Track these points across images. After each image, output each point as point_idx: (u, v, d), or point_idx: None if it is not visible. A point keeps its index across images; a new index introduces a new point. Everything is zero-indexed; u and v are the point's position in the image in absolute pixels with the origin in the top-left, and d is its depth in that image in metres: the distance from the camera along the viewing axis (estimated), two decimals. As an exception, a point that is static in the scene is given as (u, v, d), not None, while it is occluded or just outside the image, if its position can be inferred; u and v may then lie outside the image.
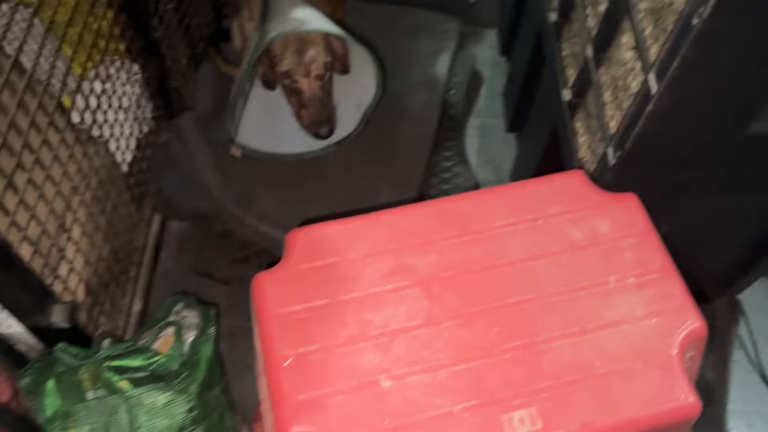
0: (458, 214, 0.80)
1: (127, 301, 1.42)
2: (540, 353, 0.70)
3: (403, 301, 0.73)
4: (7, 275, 0.91)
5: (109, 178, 1.31)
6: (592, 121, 1.06)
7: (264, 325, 0.71)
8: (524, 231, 0.79)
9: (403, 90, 1.90)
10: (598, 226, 0.80)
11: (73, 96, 1.17)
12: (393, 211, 0.81)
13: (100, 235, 1.27)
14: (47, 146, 1.04)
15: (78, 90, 1.18)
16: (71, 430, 1.05)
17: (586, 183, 0.83)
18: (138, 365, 1.07)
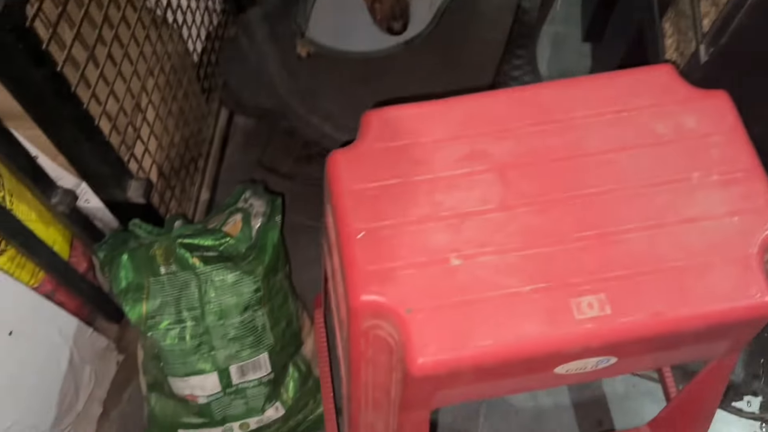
0: (538, 102, 0.78)
1: (196, 189, 1.46)
2: (614, 243, 0.69)
3: (476, 185, 0.73)
4: (89, 147, 0.94)
5: (180, 65, 1.32)
6: (681, 21, 1.00)
7: (338, 199, 0.72)
8: (606, 122, 0.76)
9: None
10: (684, 121, 0.76)
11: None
12: (470, 96, 0.79)
13: (172, 120, 1.29)
14: (125, 23, 1.05)
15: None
16: (144, 301, 1.11)
17: (674, 77, 0.79)
18: (209, 245, 1.12)
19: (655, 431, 1.07)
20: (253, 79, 1.64)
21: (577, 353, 0.67)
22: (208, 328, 1.10)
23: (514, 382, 0.73)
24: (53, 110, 0.85)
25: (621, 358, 0.71)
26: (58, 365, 1.15)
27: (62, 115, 0.86)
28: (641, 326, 0.66)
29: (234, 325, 1.11)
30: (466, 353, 0.65)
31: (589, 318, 0.66)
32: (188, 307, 1.09)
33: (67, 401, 1.21)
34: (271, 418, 1.18)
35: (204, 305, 1.10)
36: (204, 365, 1.10)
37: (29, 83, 0.80)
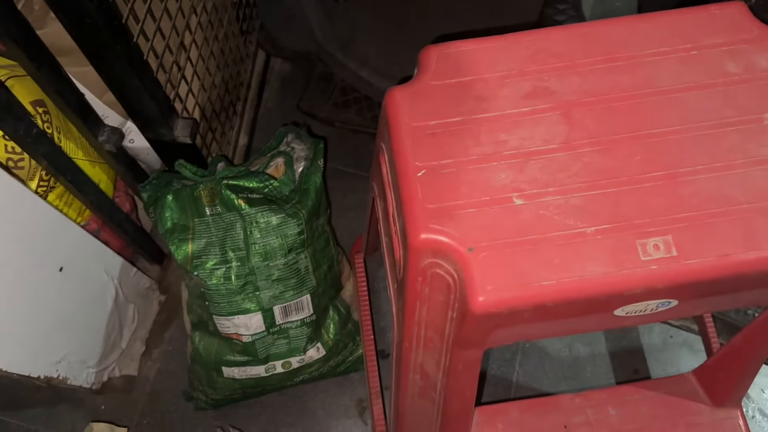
0: (605, 38, 0.76)
1: (234, 133, 1.46)
2: (681, 184, 0.67)
3: (540, 123, 0.71)
4: (138, 83, 0.93)
5: (222, 4, 1.30)
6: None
7: (397, 137, 0.71)
8: (676, 60, 0.74)
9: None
10: (757, 60, 0.74)
11: None
12: (533, 32, 0.77)
13: (213, 62, 1.28)
14: (171, -42, 1.03)
15: None
16: (189, 241, 1.11)
17: (747, 15, 0.76)
18: (253, 186, 1.11)
19: (700, 380, 1.06)
20: (290, 22, 1.61)
21: (641, 295, 0.66)
22: (253, 269, 1.10)
23: (572, 322, 0.73)
24: (105, 44, 0.84)
25: (682, 300, 0.70)
26: (104, 302, 1.17)
27: (114, 49, 0.85)
28: (708, 269, 0.65)
29: (278, 267, 1.11)
30: (528, 292, 0.64)
31: (655, 259, 0.65)
32: (233, 248, 1.10)
33: (113, 338, 1.24)
34: (313, 358, 1.19)
35: (249, 246, 1.10)
36: (249, 305, 1.12)
37: (82, 14, 0.79)
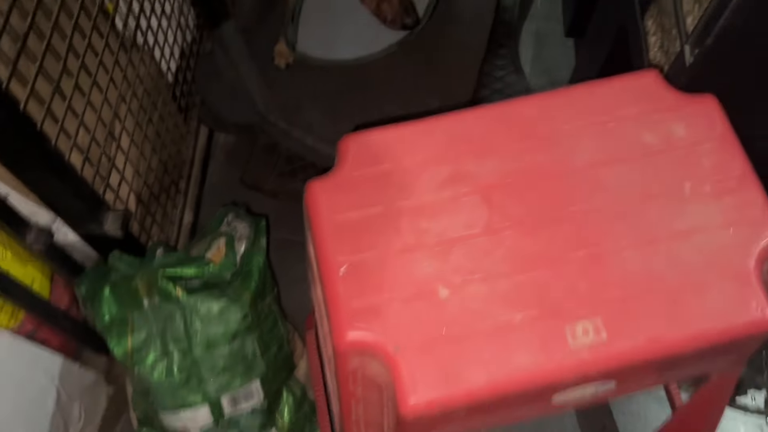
0: (520, 117, 0.75)
1: (178, 212, 1.43)
2: (607, 263, 0.66)
3: (461, 209, 0.70)
4: (60, 184, 0.91)
5: (154, 88, 1.28)
6: (664, 18, 0.97)
7: (318, 231, 0.69)
8: (592, 134, 0.74)
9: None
10: (673, 129, 0.74)
11: (116, 1, 1.13)
12: (450, 115, 0.77)
13: (149, 145, 1.26)
14: (92, 51, 1.01)
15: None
16: (128, 336, 1.07)
17: (660, 83, 0.77)
18: (192, 274, 1.08)
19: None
20: (231, 95, 1.60)
21: (574, 382, 0.64)
22: (196, 360, 1.06)
23: (511, 413, 0.70)
24: (19, 151, 0.82)
25: (620, 381, 0.68)
26: (44, 407, 1.12)
27: (29, 156, 0.83)
28: (639, 351, 0.63)
29: (223, 355, 1.08)
30: (459, 391, 0.62)
31: (585, 345, 0.63)
32: (174, 339, 1.06)
33: (57, 440, 1.18)
34: (268, 446, 1.15)
35: (191, 337, 1.06)
36: (194, 398, 1.07)
37: (-9, 126, 0.77)
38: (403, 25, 1.38)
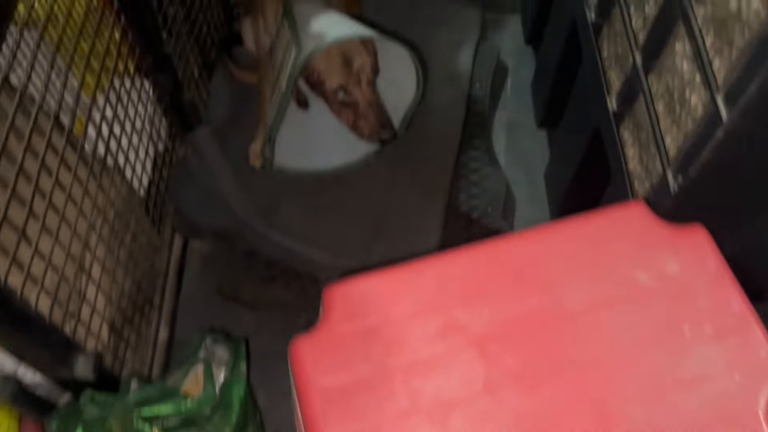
0: (510, 258, 0.73)
1: (153, 330, 1.37)
2: (613, 420, 0.63)
3: (456, 365, 0.66)
4: (27, 336, 0.85)
5: (126, 207, 1.25)
6: (641, 133, 0.97)
7: (305, 398, 0.65)
8: (585, 276, 0.72)
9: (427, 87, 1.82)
10: (666, 266, 0.72)
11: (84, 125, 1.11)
12: (438, 258, 0.74)
13: (121, 269, 1.21)
14: (60, 188, 0.98)
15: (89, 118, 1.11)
16: (104, 479, 1.00)
17: (648, 216, 0.75)
18: (169, 412, 1.02)
19: None
20: (206, 200, 1.57)
21: None
22: (176, 507, 0.99)
23: None
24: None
25: None
26: None
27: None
28: None
29: (205, 498, 1.01)
30: None
31: None
32: (152, 486, 0.99)
33: None
34: None
35: (169, 481, 0.99)
36: None
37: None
38: (380, 140, 1.37)
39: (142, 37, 1.33)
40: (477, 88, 1.84)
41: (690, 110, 0.82)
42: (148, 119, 1.41)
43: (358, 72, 1.26)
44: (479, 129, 1.77)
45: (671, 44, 0.88)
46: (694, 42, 0.80)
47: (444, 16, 1.97)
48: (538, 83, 1.74)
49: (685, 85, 0.84)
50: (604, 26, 1.12)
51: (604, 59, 1.12)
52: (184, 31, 1.51)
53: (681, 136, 0.84)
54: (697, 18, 0.80)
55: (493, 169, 1.69)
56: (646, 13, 0.96)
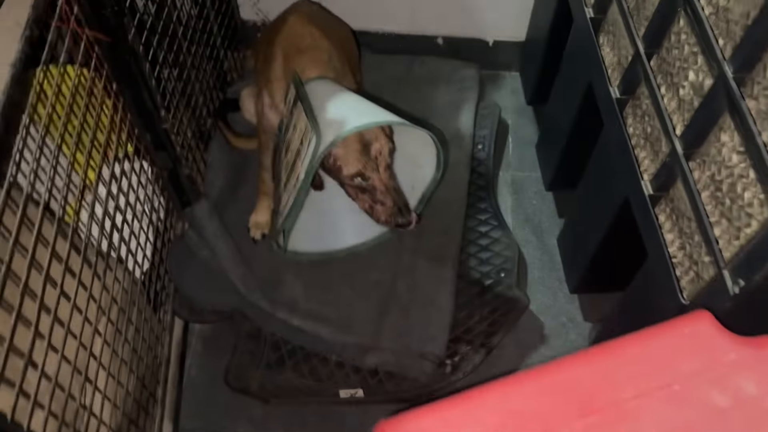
0: (575, 385, 0.68)
1: (156, 426, 1.28)
2: None
3: None
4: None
5: (128, 301, 1.17)
6: (682, 221, 0.93)
7: None
8: (660, 401, 0.66)
9: (428, 149, 1.77)
10: (743, 385, 0.67)
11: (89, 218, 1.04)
12: (496, 388, 0.68)
13: (125, 369, 1.13)
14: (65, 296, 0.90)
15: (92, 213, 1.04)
16: None
17: (716, 328, 0.71)
18: None
19: None
20: (206, 279, 1.49)
21: None
22: None
23: None
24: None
25: None
26: None
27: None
28: None
29: None
30: None
31: None
32: None
33: None
34: None
35: None
36: None
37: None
38: (398, 225, 1.30)
39: (142, 117, 1.27)
40: (480, 148, 1.80)
41: (744, 205, 0.79)
42: (149, 201, 1.35)
43: (375, 156, 1.21)
44: (485, 191, 1.73)
45: (716, 134, 0.84)
46: (746, 138, 0.77)
47: (442, 75, 1.94)
48: (545, 145, 1.70)
49: (735, 180, 0.80)
50: (629, 102, 1.09)
51: (631, 135, 1.08)
52: (182, 105, 1.45)
53: (735, 232, 0.80)
54: (750, 112, 0.76)
55: (502, 233, 1.65)
56: (681, 96, 0.93)
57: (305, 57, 1.30)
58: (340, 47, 1.43)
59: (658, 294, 0.99)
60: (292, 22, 1.37)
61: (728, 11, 0.82)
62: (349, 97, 1.21)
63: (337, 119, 1.12)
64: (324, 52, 1.32)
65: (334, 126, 1.11)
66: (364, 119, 1.12)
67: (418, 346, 1.42)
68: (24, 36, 0.80)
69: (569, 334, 1.51)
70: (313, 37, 1.34)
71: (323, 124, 1.13)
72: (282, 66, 1.31)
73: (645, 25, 1.03)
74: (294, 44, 1.32)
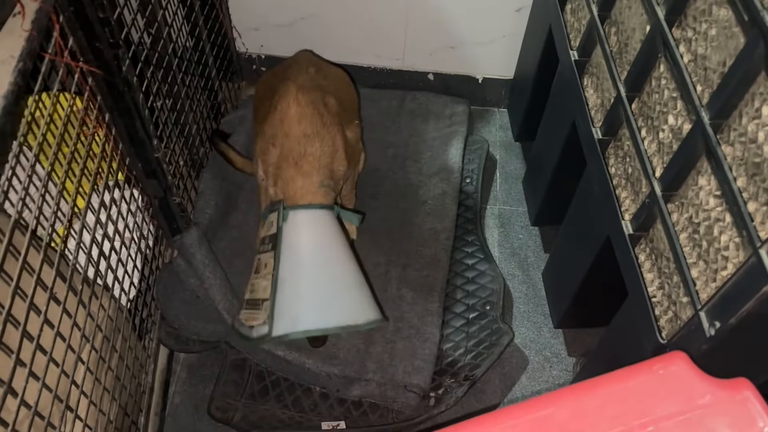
0: (552, 425, 0.68)
1: (137, 456, 1.27)
2: None
3: None
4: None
5: (112, 329, 1.17)
6: (662, 260, 0.95)
7: None
8: (634, 443, 0.67)
9: (418, 180, 1.80)
10: (716, 428, 0.68)
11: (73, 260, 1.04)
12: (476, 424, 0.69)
13: (107, 397, 1.12)
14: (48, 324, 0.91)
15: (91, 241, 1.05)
16: None
17: (691, 369, 0.72)
18: None
19: None
20: (193, 308, 1.50)
21: None
22: None
23: None
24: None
25: None
26: None
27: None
28: None
29: None
30: None
31: None
32: None
33: None
34: None
35: None
36: None
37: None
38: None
39: (134, 146, 1.28)
40: (468, 182, 1.83)
41: (720, 248, 0.80)
42: (138, 230, 1.35)
43: None
44: (472, 224, 1.75)
45: (694, 178, 0.87)
46: (722, 182, 0.79)
47: (433, 110, 1.97)
48: (531, 181, 1.73)
49: (712, 223, 0.82)
50: (611, 142, 1.12)
51: (612, 175, 1.10)
52: (175, 135, 1.47)
53: (712, 274, 0.82)
54: (726, 157, 0.79)
55: (489, 266, 1.66)
56: (660, 138, 0.96)
57: (297, 177, 1.34)
58: (339, 106, 1.47)
59: (637, 332, 1.00)
60: (291, 116, 1.36)
61: (706, 59, 0.85)
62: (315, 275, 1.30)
63: (292, 314, 1.25)
64: (315, 175, 1.35)
65: (287, 320, 1.24)
66: (317, 322, 1.25)
67: (403, 377, 1.42)
68: (17, 69, 0.82)
69: (553, 368, 1.52)
70: (308, 140, 1.36)
71: (279, 308, 1.25)
72: (276, 154, 1.37)
73: (627, 69, 1.06)
74: (290, 148, 1.35)
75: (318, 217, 1.35)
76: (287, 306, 1.26)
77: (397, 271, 1.64)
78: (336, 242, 1.35)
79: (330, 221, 1.36)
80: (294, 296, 1.27)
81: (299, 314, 1.25)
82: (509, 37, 1.79)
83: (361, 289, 1.35)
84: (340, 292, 1.31)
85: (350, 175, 1.56)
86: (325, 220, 1.35)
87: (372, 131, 1.91)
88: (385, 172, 1.83)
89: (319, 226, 1.34)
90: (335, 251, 1.34)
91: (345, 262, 1.34)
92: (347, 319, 1.27)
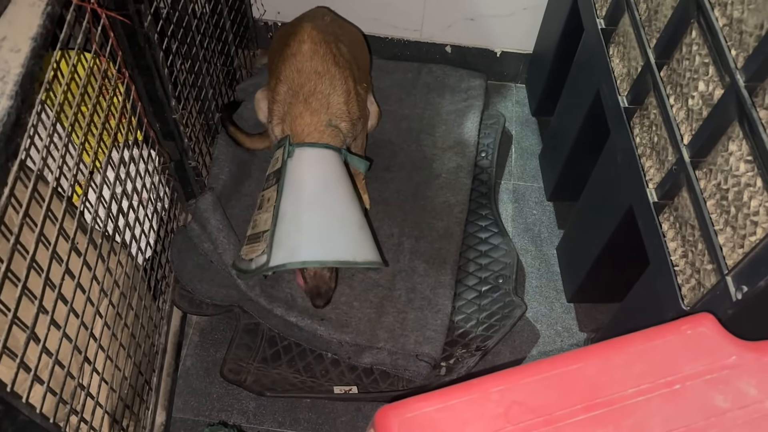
0: (579, 380, 0.68)
1: (150, 415, 1.28)
2: None
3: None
4: None
5: (128, 287, 1.17)
6: (686, 229, 0.94)
7: None
8: (661, 399, 0.67)
9: (432, 154, 1.79)
10: (743, 388, 0.68)
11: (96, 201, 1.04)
12: (501, 378, 0.68)
13: (123, 353, 1.13)
14: (69, 275, 0.90)
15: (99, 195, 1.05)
16: None
17: (719, 331, 0.71)
18: None
19: None
20: (207, 272, 1.50)
21: None
22: None
23: None
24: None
25: None
26: None
27: None
28: None
29: None
30: None
31: None
32: None
33: None
34: None
35: None
36: None
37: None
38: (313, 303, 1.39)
39: (153, 105, 1.28)
40: (483, 156, 1.81)
41: (750, 213, 0.80)
42: (154, 190, 1.35)
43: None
44: (486, 198, 1.74)
45: (724, 143, 0.86)
46: (756, 147, 0.78)
47: (449, 83, 1.96)
48: (548, 156, 1.72)
49: (742, 189, 0.81)
50: (637, 111, 1.11)
51: (638, 144, 1.09)
52: (192, 97, 1.46)
53: (740, 240, 0.81)
54: (761, 120, 0.78)
55: (502, 240, 1.65)
56: (690, 105, 0.95)
57: (306, 113, 1.33)
58: (352, 58, 1.46)
59: (658, 301, 1.00)
60: (304, 52, 1.36)
61: (742, 22, 0.83)
62: (316, 210, 1.29)
63: (291, 244, 1.25)
64: (323, 113, 1.34)
65: (285, 250, 1.24)
66: (316, 254, 1.25)
67: (415, 347, 1.42)
68: (46, 12, 0.81)
69: (564, 342, 1.52)
70: (319, 77, 1.35)
71: (278, 238, 1.25)
72: (285, 90, 1.36)
73: (656, 36, 1.05)
74: (300, 83, 1.35)
75: (324, 156, 1.34)
76: (286, 237, 1.26)
77: (410, 243, 1.64)
78: (340, 183, 1.34)
79: (336, 162, 1.35)
80: (294, 228, 1.27)
81: (298, 245, 1.25)
82: (530, 9, 1.77)
83: (361, 231, 1.34)
84: (340, 229, 1.31)
85: (360, 131, 1.54)
86: (330, 160, 1.34)
87: (386, 103, 1.89)
88: (400, 144, 1.82)
89: (324, 165, 1.33)
90: (339, 192, 1.33)
91: (348, 202, 1.34)
92: (346, 255, 1.27)
